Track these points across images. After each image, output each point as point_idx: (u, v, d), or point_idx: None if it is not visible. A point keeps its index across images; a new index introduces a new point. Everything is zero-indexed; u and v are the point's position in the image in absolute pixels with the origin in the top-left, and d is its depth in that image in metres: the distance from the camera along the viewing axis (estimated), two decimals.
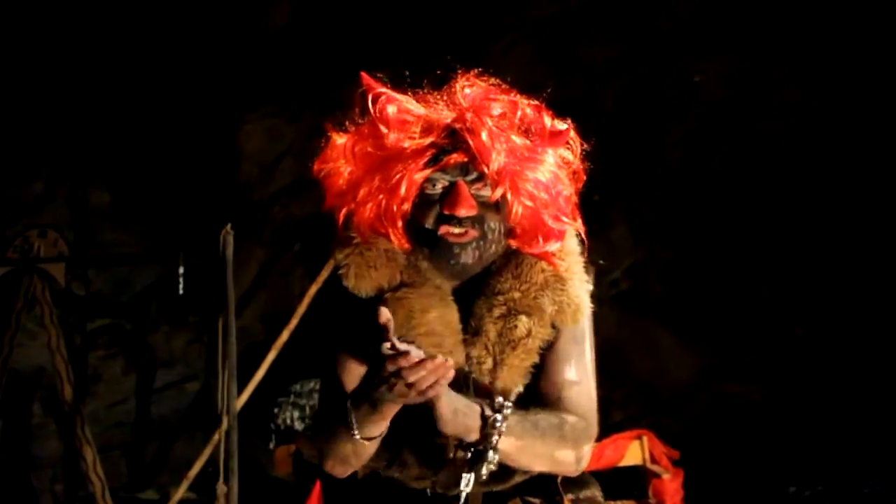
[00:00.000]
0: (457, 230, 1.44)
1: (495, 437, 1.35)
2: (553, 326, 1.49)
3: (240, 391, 4.16)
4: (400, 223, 1.48)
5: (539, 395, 1.48)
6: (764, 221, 5.19)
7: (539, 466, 1.46)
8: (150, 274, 5.29)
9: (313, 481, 2.79)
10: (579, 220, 1.55)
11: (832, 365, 5.07)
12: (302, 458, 4.48)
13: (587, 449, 1.48)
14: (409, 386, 1.26)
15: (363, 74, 1.51)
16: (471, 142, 1.43)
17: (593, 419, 1.51)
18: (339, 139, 1.52)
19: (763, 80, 5.14)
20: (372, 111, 1.47)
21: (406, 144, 1.43)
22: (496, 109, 1.47)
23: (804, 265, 5.12)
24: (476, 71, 1.54)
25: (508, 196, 1.45)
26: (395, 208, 1.46)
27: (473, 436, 1.37)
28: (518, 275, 1.48)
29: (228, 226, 3.58)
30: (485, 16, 5.18)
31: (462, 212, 1.43)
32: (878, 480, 4.37)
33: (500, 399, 1.39)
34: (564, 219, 1.50)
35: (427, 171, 1.44)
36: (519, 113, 1.49)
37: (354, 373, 1.45)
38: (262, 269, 5.56)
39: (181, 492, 4.07)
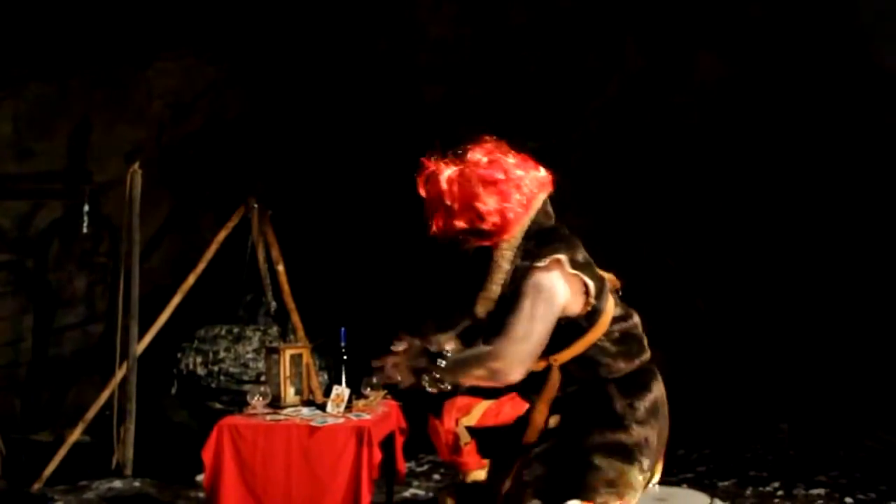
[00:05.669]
0: None
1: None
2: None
3: (142, 335, 4.09)
4: None
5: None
6: (672, 194, 5.34)
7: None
8: (54, 210, 5.12)
9: (211, 427, 2.77)
10: None
11: (729, 336, 5.29)
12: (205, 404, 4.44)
13: (498, 364, 1.80)
14: None
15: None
16: None
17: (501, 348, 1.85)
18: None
19: (682, 57, 5.25)
20: None
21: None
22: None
23: (710, 239, 5.30)
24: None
25: None
26: None
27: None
28: None
29: (136, 164, 3.49)
30: None
31: None
32: (760, 445, 4.61)
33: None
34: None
35: None
36: None
37: None
38: (172, 211, 5.43)
39: (76, 434, 3.99)
